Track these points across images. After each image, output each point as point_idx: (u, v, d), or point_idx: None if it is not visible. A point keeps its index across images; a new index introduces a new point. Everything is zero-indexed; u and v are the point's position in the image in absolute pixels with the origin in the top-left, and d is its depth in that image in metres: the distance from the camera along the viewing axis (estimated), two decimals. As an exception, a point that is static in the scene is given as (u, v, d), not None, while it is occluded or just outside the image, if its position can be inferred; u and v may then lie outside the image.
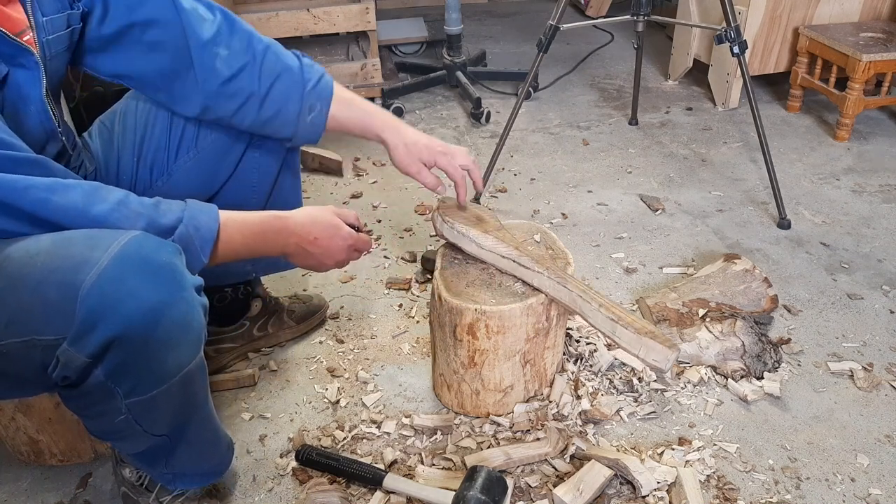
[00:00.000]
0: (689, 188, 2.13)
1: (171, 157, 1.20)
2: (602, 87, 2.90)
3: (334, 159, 2.25)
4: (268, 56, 1.13)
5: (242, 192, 1.28)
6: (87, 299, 0.78)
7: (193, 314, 0.87)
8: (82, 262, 0.79)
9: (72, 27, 1.02)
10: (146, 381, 0.87)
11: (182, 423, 0.99)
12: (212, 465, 1.12)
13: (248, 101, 1.14)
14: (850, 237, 1.86)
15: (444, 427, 1.31)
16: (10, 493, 1.23)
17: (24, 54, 0.94)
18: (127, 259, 0.80)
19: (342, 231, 1.13)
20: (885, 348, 1.49)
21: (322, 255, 1.12)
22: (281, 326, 1.53)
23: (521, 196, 2.11)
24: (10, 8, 0.93)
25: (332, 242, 1.12)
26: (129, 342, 0.81)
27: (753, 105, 1.89)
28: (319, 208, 1.13)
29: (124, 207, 0.88)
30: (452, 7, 2.72)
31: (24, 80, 0.95)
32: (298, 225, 1.09)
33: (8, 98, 0.93)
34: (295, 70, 1.16)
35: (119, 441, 1.00)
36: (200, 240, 0.95)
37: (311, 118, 1.19)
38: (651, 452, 1.24)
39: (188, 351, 0.89)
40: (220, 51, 1.09)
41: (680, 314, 1.47)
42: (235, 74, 1.11)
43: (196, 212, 0.95)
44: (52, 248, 0.81)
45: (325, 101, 1.19)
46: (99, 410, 0.89)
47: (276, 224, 1.07)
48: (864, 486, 1.19)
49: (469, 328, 1.21)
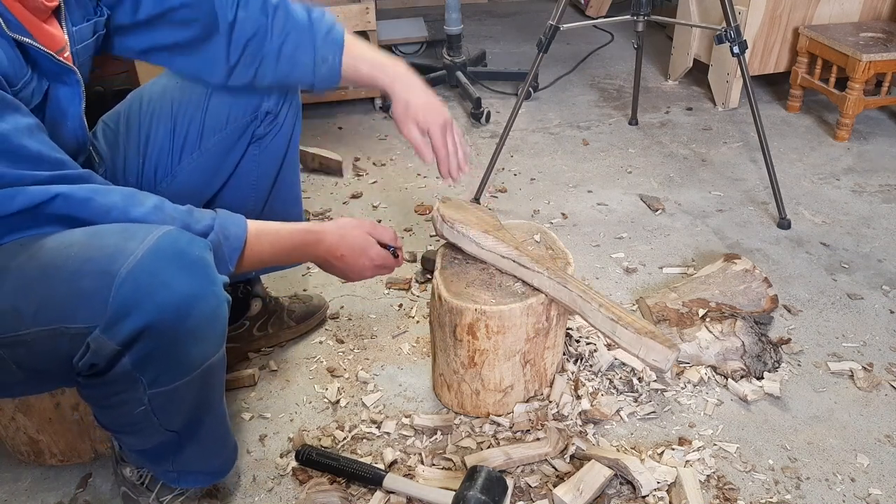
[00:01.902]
0: (689, 188, 2.13)
1: (176, 160, 1.21)
2: (602, 87, 2.90)
3: (334, 159, 2.25)
4: (278, 14, 1.15)
5: (242, 190, 1.29)
6: (123, 287, 0.80)
7: (221, 308, 0.90)
8: (118, 253, 0.82)
9: (97, 34, 1.04)
10: (171, 372, 0.89)
11: (196, 420, 1.00)
12: (217, 465, 1.12)
13: (263, 62, 1.16)
14: (850, 237, 1.86)
15: (444, 427, 1.31)
16: (10, 493, 1.23)
17: (66, 73, 0.97)
18: (162, 251, 0.83)
19: (370, 252, 1.17)
20: (885, 348, 1.49)
21: (347, 270, 1.17)
22: (281, 326, 1.53)
23: (521, 196, 2.11)
24: (51, 25, 0.95)
25: (357, 261, 1.16)
26: (159, 332, 0.83)
27: (753, 105, 1.89)
28: (354, 224, 1.17)
29: (160, 212, 0.92)
30: (452, 7, 2.72)
31: (65, 96, 0.98)
32: (329, 241, 1.13)
33: (48, 113, 0.96)
34: (304, 25, 1.16)
35: (130, 435, 1.00)
36: (229, 248, 0.99)
37: (326, 67, 1.19)
38: (651, 452, 1.24)
39: (214, 344, 0.92)
40: (239, 13, 1.12)
41: (680, 314, 1.47)
42: (251, 38, 1.13)
43: (226, 221, 1.00)
44: (87, 239, 0.84)
45: (336, 52, 1.19)
46: (120, 400, 0.90)
47: (307, 238, 1.12)
48: (864, 486, 1.19)
49: (469, 328, 1.21)
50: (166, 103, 1.20)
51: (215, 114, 1.21)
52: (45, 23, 0.93)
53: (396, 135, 2.52)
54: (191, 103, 1.20)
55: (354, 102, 2.70)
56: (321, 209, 2.06)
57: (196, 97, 1.20)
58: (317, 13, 1.19)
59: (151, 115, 1.20)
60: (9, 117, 0.82)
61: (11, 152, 0.81)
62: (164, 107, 1.20)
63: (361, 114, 2.70)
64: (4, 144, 0.81)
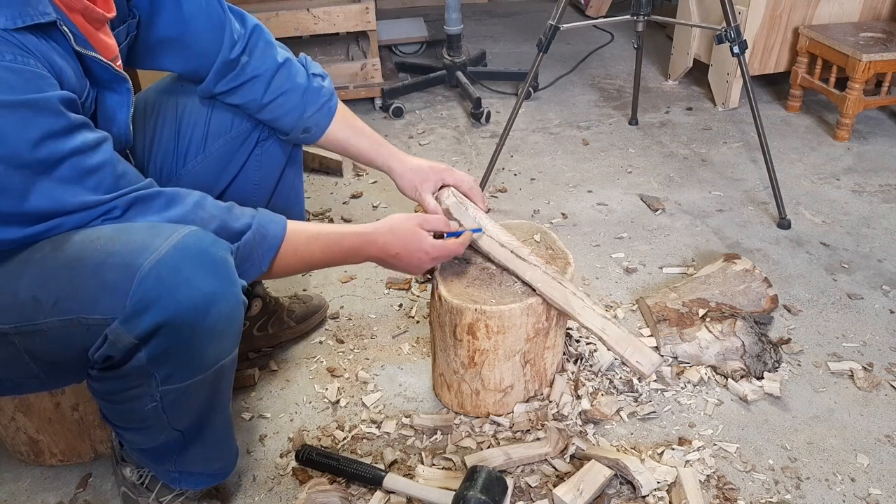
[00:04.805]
0: (689, 188, 2.13)
1: (181, 163, 1.22)
2: (602, 87, 2.90)
3: (334, 159, 2.25)
4: (279, 72, 1.19)
5: (244, 190, 1.29)
6: (145, 281, 0.81)
7: (238, 309, 0.91)
8: (143, 248, 0.83)
9: (129, 36, 1.05)
10: (185, 369, 0.90)
11: (203, 420, 1.01)
12: (219, 467, 1.12)
13: (249, 103, 1.20)
14: (850, 237, 1.86)
15: (444, 427, 1.31)
16: (10, 493, 1.23)
17: (119, 81, 0.98)
18: (185, 249, 0.85)
19: (424, 244, 1.16)
20: (885, 348, 1.49)
21: (405, 266, 1.18)
22: (281, 326, 1.53)
23: (521, 196, 2.11)
24: (105, 34, 0.96)
25: (412, 256, 1.16)
26: (177, 328, 0.84)
27: (753, 105, 1.89)
28: (403, 219, 1.17)
29: (200, 209, 0.94)
30: (452, 7, 2.72)
31: (114, 103, 0.99)
32: (381, 241, 1.14)
33: (98, 120, 0.97)
34: (299, 92, 1.21)
35: (136, 432, 1.00)
36: (266, 247, 1.01)
37: (304, 136, 1.27)
38: (651, 452, 1.24)
39: (229, 344, 0.93)
40: (243, 57, 1.16)
41: (680, 314, 1.47)
42: (246, 81, 1.18)
43: (265, 220, 1.02)
44: (114, 233, 0.85)
45: (320, 128, 1.26)
46: (132, 395, 0.91)
47: (359, 241, 1.13)
48: (864, 486, 1.19)
49: (469, 328, 1.21)
50: (171, 107, 1.20)
51: (219, 118, 1.22)
52: (99, 30, 0.94)
53: (396, 135, 2.52)
54: (195, 107, 1.21)
55: (355, 102, 2.70)
56: (321, 209, 2.06)
57: (200, 101, 1.20)
58: (316, 82, 1.23)
59: (156, 118, 1.20)
60: (78, 135, 0.84)
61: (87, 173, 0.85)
62: (168, 110, 1.20)
63: (362, 114, 2.66)
64: (74, 169, 0.83)
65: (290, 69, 1.21)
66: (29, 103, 0.79)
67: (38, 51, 0.82)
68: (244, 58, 1.16)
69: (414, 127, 2.58)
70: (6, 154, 0.79)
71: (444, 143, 2.46)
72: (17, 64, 0.79)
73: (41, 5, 0.83)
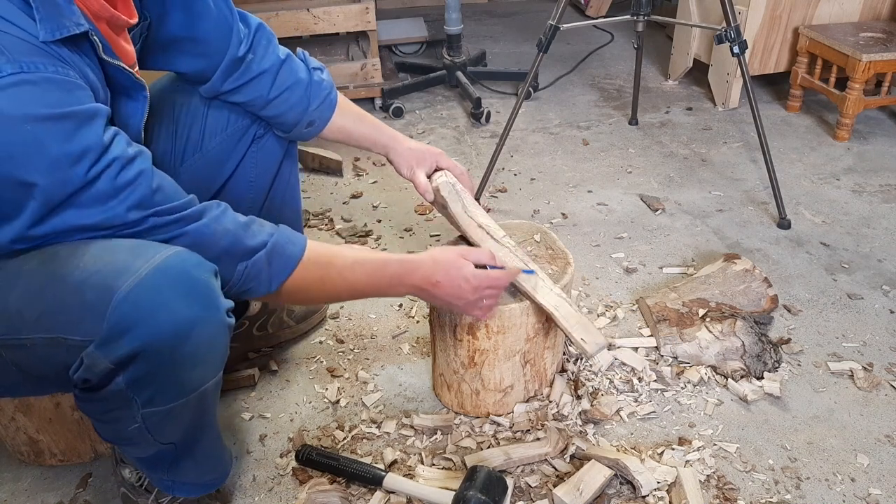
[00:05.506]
0: (689, 188, 2.13)
1: (178, 161, 1.21)
2: (602, 87, 2.90)
3: (334, 159, 2.25)
4: (284, 67, 1.20)
5: (238, 188, 1.29)
6: (121, 306, 0.79)
7: (221, 335, 0.88)
8: (123, 270, 0.80)
9: (141, 39, 1.05)
10: (165, 394, 0.87)
11: (190, 437, 1.00)
12: (211, 479, 1.12)
13: (255, 100, 1.21)
14: (850, 237, 1.86)
15: (444, 427, 1.31)
16: (10, 493, 1.23)
17: (137, 88, 0.97)
18: (166, 271, 0.81)
19: (464, 271, 1.09)
20: (885, 348, 1.49)
21: (447, 296, 1.10)
22: (281, 326, 1.53)
23: (521, 196, 2.11)
24: (124, 39, 0.95)
25: (453, 284, 1.09)
26: (155, 354, 0.81)
27: (753, 105, 1.89)
28: (445, 249, 1.13)
29: (215, 223, 0.92)
30: (452, 7, 2.72)
31: (130, 109, 0.98)
32: (424, 269, 1.08)
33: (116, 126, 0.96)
34: (302, 87, 1.22)
35: (126, 446, 1.00)
36: (279, 266, 0.98)
37: (308, 130, 1.28)
38: (651, 452, 1.24)
39: (211, 370, 0.90)
40: (247, 56, 1.16)
41: (680, 314, 1.47)
42: (252, 78, 1.18)
43: (283, 240, 0.99)
44: (99, 251, 0.82)
45: (323, 120, 1.28)
46: (113, 416, 0.89)
47: (403, 269, 1.08)
48: (864, 486, 1.19)
49: (469, 328, 1.21)
50: (168, 105, 1.20)
51: (216, 115, 1.22)
52: (119, 36, 0.94)
53: (396, 135, 2.52)
54: (192, 105, 1.21)
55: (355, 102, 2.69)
56: (321, 209, 2.06)
57: (197, 99, 1.20)
58: (316, 77, 1.24)
59: (154, 117, 1.20)
60: (116, 148, 0.83)
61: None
62: (165, 108, 1.20)
63: (361, 114, 2.69)
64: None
65: (291, 65, 1.21)
66: (71, 115, 0.78)
67: (72, 62, 0.81)
68: (250, 55, 1.16)
69: (414, 127, 2.58)
70: (46, 167, 0.77)
71: (444, 143, 2.46)
72: (58, 75, 0.78)
73: (74, 16, 0.82)
